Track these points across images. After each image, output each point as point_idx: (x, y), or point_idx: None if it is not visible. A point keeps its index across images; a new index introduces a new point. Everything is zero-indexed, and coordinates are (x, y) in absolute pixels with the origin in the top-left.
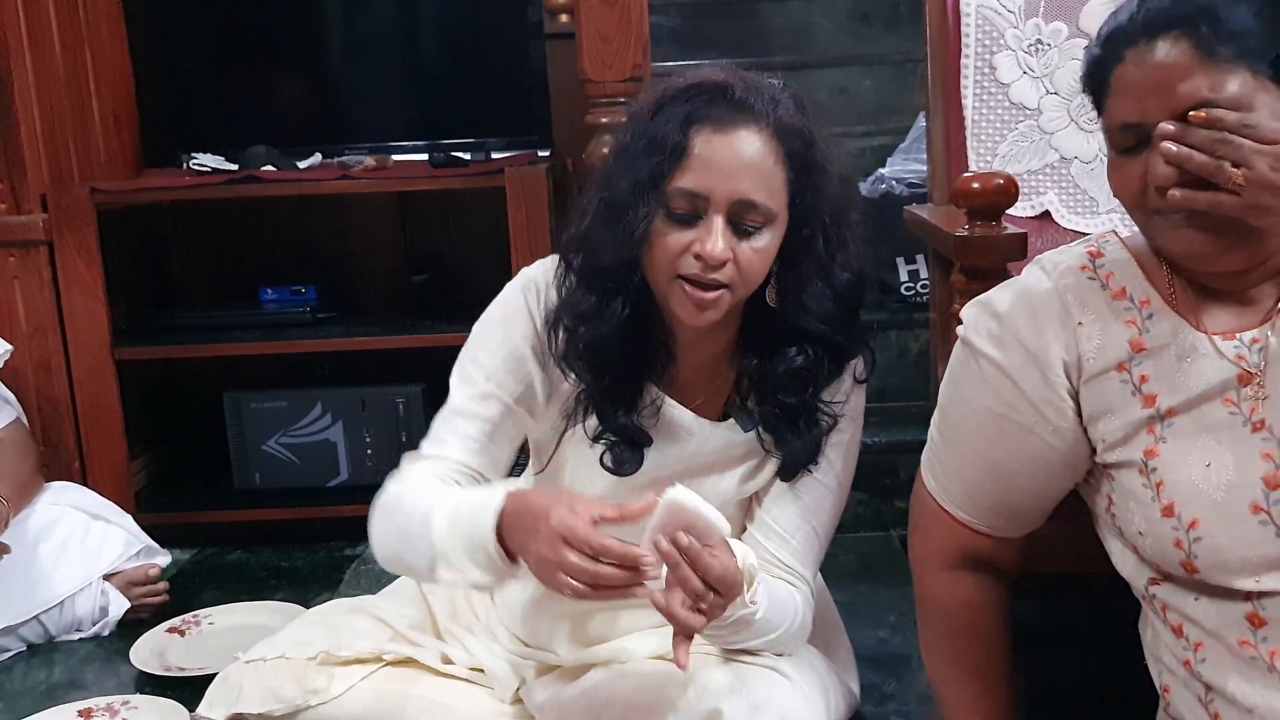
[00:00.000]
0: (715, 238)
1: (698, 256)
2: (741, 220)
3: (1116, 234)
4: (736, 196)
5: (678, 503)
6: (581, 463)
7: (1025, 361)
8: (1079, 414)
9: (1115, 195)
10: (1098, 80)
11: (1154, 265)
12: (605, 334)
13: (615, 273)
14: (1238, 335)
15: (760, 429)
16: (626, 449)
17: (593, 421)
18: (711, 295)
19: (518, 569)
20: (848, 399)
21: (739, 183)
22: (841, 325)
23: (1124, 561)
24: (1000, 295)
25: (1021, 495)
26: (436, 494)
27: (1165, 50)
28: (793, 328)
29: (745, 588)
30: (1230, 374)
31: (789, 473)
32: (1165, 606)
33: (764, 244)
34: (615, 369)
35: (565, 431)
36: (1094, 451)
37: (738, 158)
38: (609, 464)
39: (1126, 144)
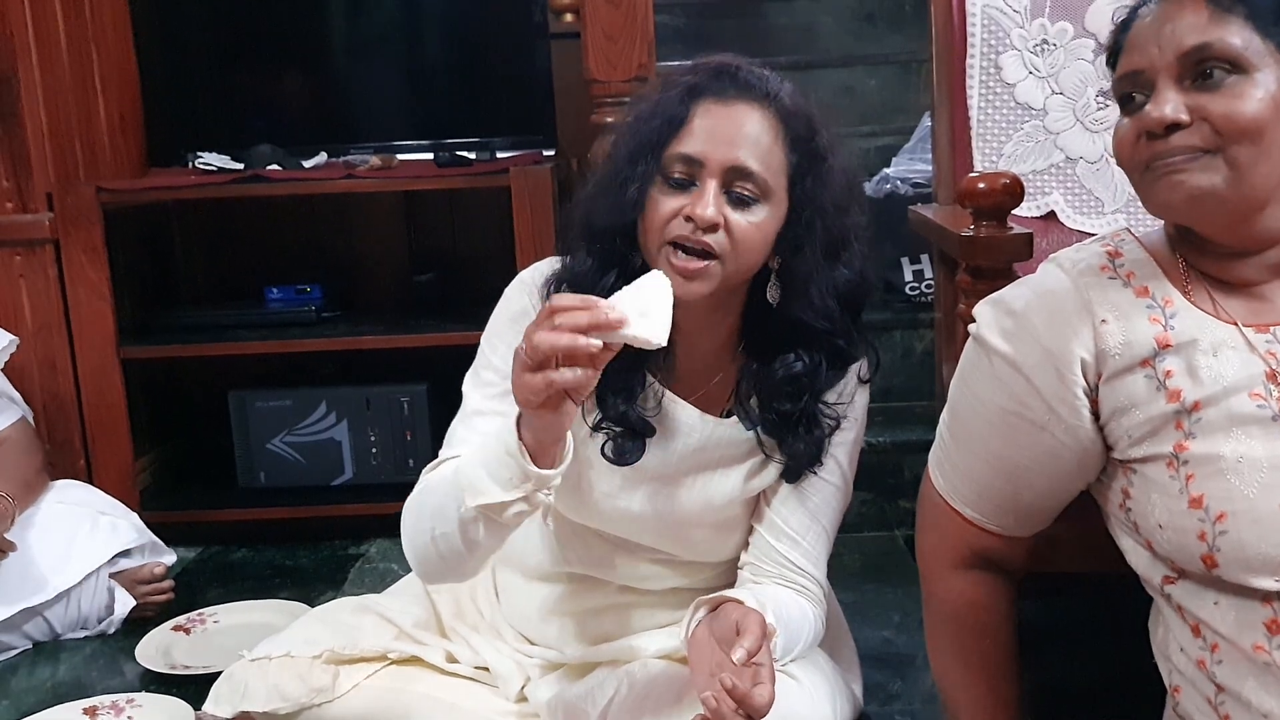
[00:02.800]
0: (706, 200)
1: (688, 219)
2: (735, 188)
3: (1131, 232)
4: (731, 163)
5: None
6: (587, 462)
7: (1041, 359)
8: (1095, 413)
9: (1116, 158)
10: (1117, 45)
11: (1170, 263)
12: None
13: (610, 238)
14: (1271, 329)
15: (760, 431)
16: (628, 439)
17: (593, 414)
18: (698, 265)
19: (549, 476)
20: (851, 400)
21: (736, 150)
22: (842, 326)
23: (1138, 559)
24: (1015, 293)
25: (1032, 494)
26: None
27: (1180, 5)
28: (792, 328)
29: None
30: (1259, 369)
31: (793, 475)
32: (1181, 607)
33: (759, 219)
34: (613, 365)
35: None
36: (1109, 450)
37: (736, 127)
38: (610, 454)
39: (1127, 94)
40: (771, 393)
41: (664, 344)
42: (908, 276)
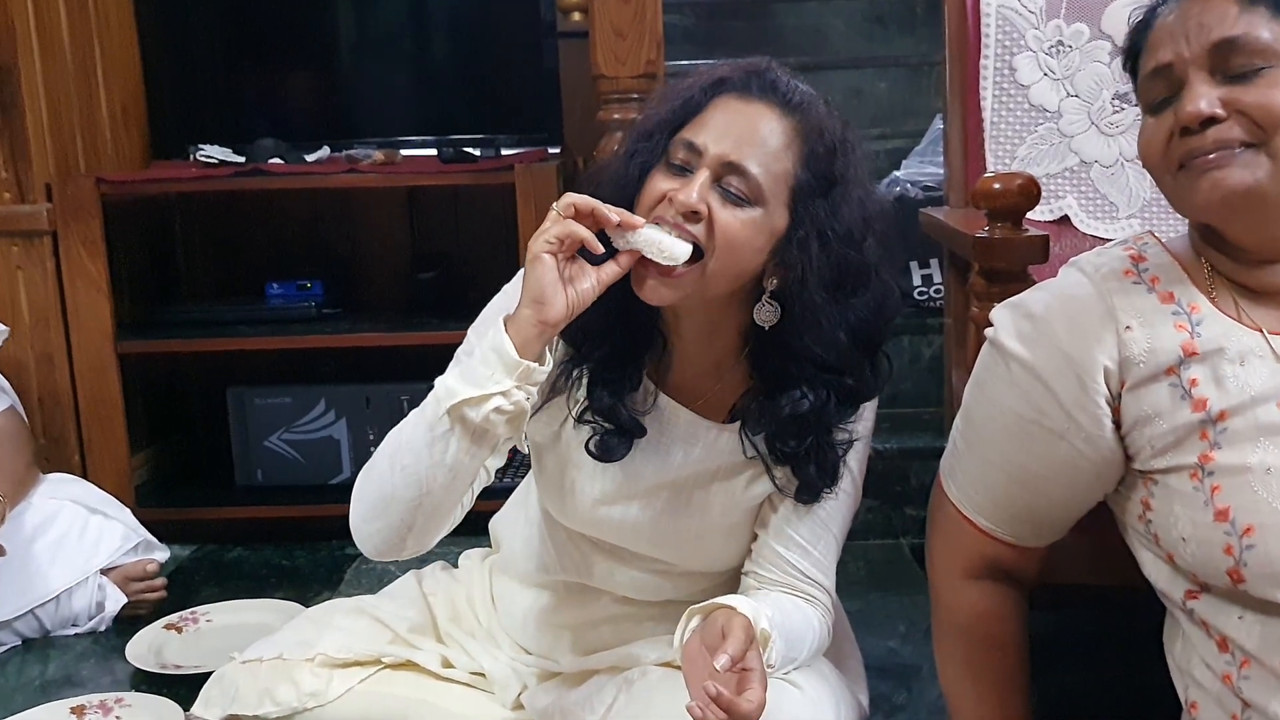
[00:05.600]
0: (691, 187)
1: (672, 201)
2: (727, 184)
3: (1154, 235)
4: (727, 157)
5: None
6: (581, 465)
7: (1061, 365)
8: (1116, 423)
9: (1143, 160)
10: (1136, 44)
11: (1196, 267)
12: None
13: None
14: None
15: (771, 462)
16: (615, 436)
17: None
18: (666, 270)
19: (532, 367)
20: (860, 415)
21: (737, 146)
22: (852, 363)
23: (1157, 573)
24: (1035, 297)
25: (1049, 504)
26: None
27: (1205, 1)
28: (795, 355)
29: (761, 649)
30: None
31: (808, 497)
32: (1205, 622)
33: (748, 218)
34: (602, 335)
35: (562, 424)
36: (1129, 460)
37: (746, 126)
38: (594, 449)
39: (1156, 95)
40: (778, 431)
41: (678, 261)
42: (916, 281)
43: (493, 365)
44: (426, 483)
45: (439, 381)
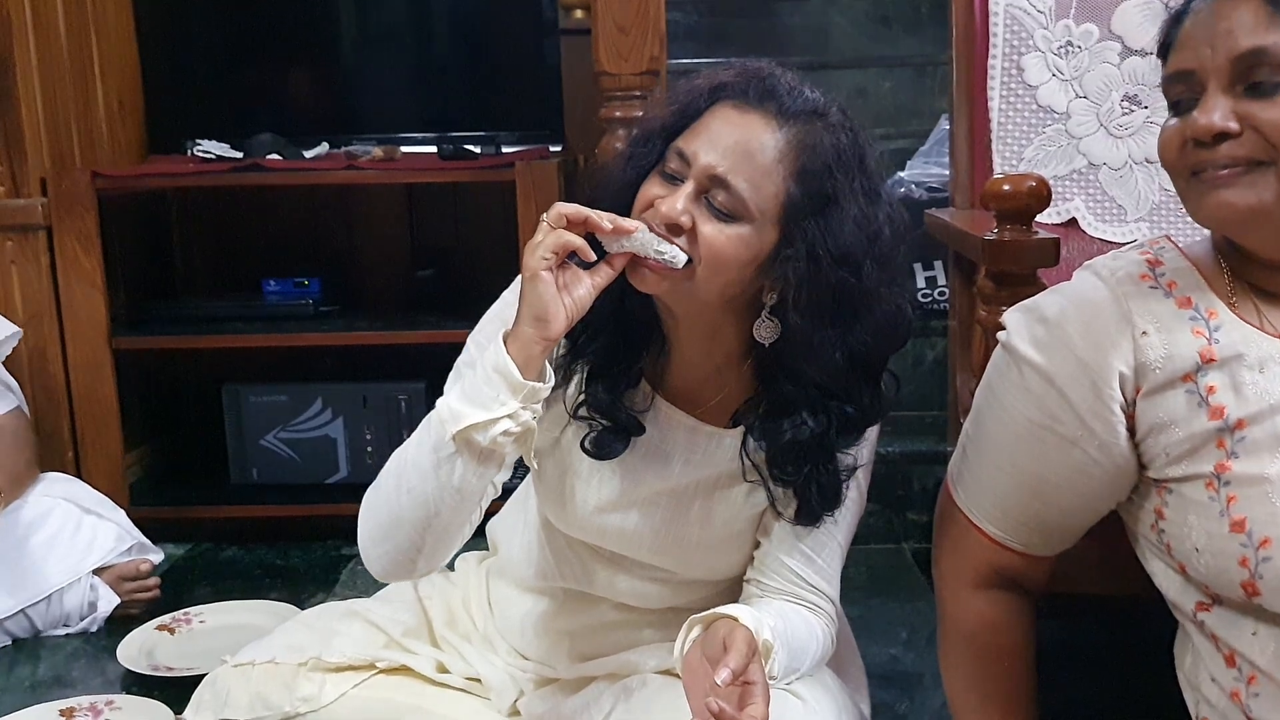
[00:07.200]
0: (675, 198)
1: (656, 211)
2: (711, 198)
3: (1170, 239)
4: (712, 171)
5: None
6: (580, 472)
7: (1076, 371)
8: (1131, 430)
9: (1160, 159)
10: (1168, 39)
11: (1214, 273)
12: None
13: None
14: None
15: (771, 484)
16: (611, 433)
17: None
18: (661, 268)
19: (538, 387)
20: (864, 438)
21: (723, 159)
22: (849, 389)
23: (1168, 584)
24: (1049, 300)
25: (1060, 512)
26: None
27: (1235, 2)
28: (795, 375)
29: (763, 661)
30: None
31: (808, 520)
32: (1215, 636)
33: (734, 233)
34: (598, 327)
35: (564, 429)
36: (1142, 468)
37: (737, 138)
38: (590, 446)
39: (1176, 96)
40: (777, 456)
41: (677, 265)
42: (920, 283)
43: (497, 386)
44: (435, 504)
45: (441, 402)
